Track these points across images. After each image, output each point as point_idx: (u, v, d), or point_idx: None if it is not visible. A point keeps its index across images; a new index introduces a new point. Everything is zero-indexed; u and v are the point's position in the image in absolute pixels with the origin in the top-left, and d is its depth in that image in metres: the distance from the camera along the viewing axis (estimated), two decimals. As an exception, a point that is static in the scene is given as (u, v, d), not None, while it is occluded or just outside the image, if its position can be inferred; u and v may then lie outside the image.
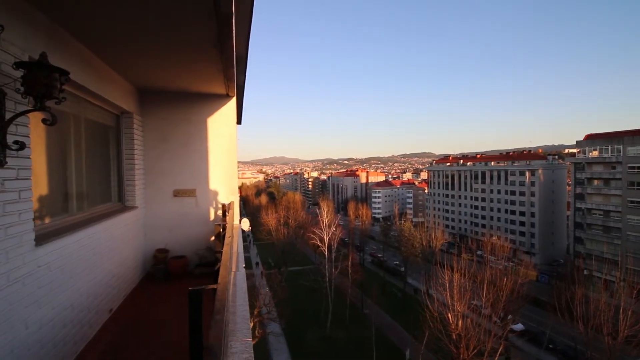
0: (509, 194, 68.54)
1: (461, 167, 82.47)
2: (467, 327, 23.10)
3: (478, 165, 78.01)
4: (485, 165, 76.13)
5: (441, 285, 25.63)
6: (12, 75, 2.24)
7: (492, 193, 72.39)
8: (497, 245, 35.97)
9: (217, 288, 1.48)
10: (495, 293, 25.39)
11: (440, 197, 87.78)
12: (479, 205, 75.31)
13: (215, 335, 1.05)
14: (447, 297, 24.73)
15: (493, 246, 35.86)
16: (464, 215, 79.45)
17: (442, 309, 24.59)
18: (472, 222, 76.48)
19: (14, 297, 2.28)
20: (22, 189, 2.41)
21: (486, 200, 73.53)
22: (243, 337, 1.88)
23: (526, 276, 32.68)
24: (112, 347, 3.35)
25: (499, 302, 25.01)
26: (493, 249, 35.39)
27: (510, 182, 68.52)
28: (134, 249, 5.13)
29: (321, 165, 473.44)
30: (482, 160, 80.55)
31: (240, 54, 10.71)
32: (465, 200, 79.42)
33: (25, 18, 2.48)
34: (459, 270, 25.53)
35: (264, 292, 32.66)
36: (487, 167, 74.73)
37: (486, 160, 79.22)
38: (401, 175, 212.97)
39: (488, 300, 25.10)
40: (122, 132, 5.18)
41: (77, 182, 3.83)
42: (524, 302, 28.58)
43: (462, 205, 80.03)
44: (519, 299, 27.16)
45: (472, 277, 26.34)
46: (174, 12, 2.72)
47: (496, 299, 25.12)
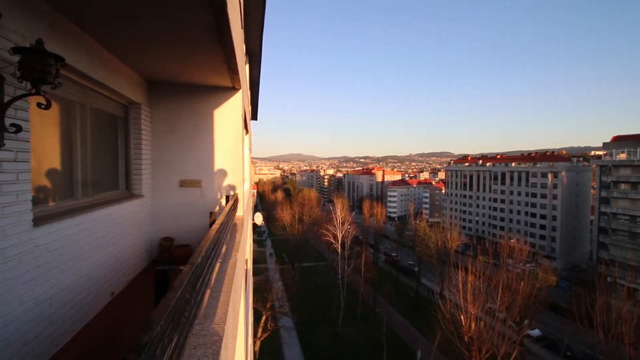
0: (530, 196, 66.40)
1: (480, 167, 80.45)
2: (480, 330, 22.63)
3: (498, 166, 75.91)
4: (505, 166, 73.99)
5: (455, 287, 25.21)
6: (10, 60, 2.32)
7: (512, 195, 70.32)
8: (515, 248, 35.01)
9: (184, 270, 1.50)
10: (511, 297, 24.73)
11: (457, 197, 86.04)
12: (497, 207, 73.38)
13: (159, 310, 1.05)
14: (460, 299, 24.31)
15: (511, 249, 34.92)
16: (481, 216, 77.62)
17: (454, 310, 24.19)
18: (490, 224, 74.64)
19: (10, 273, 2.38)
20: (20, 170, 2.51)
21: (505, 202, 71.53)
22: (217, 322, 1.90)
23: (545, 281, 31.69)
24: (111, 327, 3.45)
25: (515, 306, 24.33)
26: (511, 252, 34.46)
27: (532, 184, 66.34)
28: (140, 236, 5.26)
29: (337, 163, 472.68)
30: (502, 161, 78.31)
31: (254, 49, 10.78)
32: (483, 202, 77.55)
33: (25, 6, 2.57)
34: (473, 272, 25.03)
35: (277, 287, 33.02)
36: (508, 168, 72.60)
37: (506, 161, 76.94)
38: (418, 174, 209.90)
39: (503, 304, 24.48)
40: (131, 122, 5.32)
41: (83, 169, 3.95)
42: (541, 308, 27.73)
43: (480, 207, 78.19)
44: (537, 304, 26.33)
45: (487, 279, 25.73)
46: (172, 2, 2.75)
47: (512, 303, 24.45)
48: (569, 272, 55.15)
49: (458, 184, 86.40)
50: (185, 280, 1.34)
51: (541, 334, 32.39)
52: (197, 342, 1.60)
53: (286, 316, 31.57)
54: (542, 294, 27.25)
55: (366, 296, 39.83)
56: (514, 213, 69.45)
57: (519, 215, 68.53)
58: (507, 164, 75.18)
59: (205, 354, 1.51)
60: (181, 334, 1.28)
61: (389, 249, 65.72)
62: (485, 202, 77.03)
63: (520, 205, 68.28)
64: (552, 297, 35.78)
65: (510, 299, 24.51)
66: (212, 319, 1.99)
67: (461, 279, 24.26)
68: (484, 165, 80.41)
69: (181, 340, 1.29)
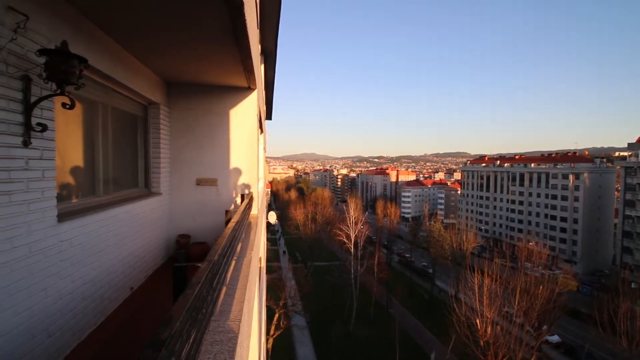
0: (550, 198, 64.46)
1: (498, 168, 78.65)
2: (497, 334, 22.17)
3: (516, 167, 74.04)
4: (524, 167, 72.11)
5: (470, 290, 24.76)
6: (36, 62, 2.41)
7: (531, 196, 68.43)
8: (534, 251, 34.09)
9: (201, 267, 1.52)
10: (530, 301, 24.10)
11: (473, 198, 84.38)
12: (515, 209, 71.56)
13: (178, 306, 1.07)
14: (475, 302, 23.86)
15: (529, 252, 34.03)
16: (498, 218, 75.89)
17: (470, 314, 23.77)
18: (508, 226, 72.87)
19: (35, 267, 2.48)
20: (45, 168, 2.60)
21: (524, 204, 69.68)
22: (233, 318, 1.92)
23: (565, 285, 30.75)
24: (130, 321, 3.54)
25: (533, 311, 23.70)
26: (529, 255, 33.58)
27: (552, 185, 64.38)
28: (158, 233, 5.38)
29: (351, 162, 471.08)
30: (521, 162, 76.35)
31: (269, 49, 10.84)
32: (500, 203, 75.78)
33: (51, 9, 2.66)
34: (490, 274, 24.52)
35: (290, 285, 33.19)
36: (527, 169, 70.72)
37: (525, 162, 74.97)
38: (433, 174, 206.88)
39: (521, 308, 23.89)
40: (150, 122, 5.44)
41: (105, 167, 4.07)
42: (561, 313, 26.89)
43: (497, 208, 76.45)
44: (556, 309, 25.57)
45: (504, 283, 25.16)
46: (190, 2, 2.79)
47: (530, 308, 23.83)
48: (590, 276, 53.27)
49: (475, 185, 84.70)
50: (203, 277, 1.36)
51: (560, 340, 31.42)
52: (214, 338, 1.62)
53: (299, 315, 31.71)
54: (562, 299, 26.43)
55: (379, 297, 39.57)
56: (533, 215, 67.57)
57: (538, 217, 66.63)
58: (526, 164, 73.24)
59: (222, 350, 1.53)
60: (199, 330, 1.30)
61: (402, 250, 65.07)
62: (502, 204, 75.25)
63: (540, 207, 66.38)
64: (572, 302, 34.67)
65: (528, 303, 23.90)
66: (228, 316, 2.01)
67: (477, 281, 23.83)
68: (501, 166, 78.56)
69: (199, 336, 1.31)
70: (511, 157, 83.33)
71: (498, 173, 77.82)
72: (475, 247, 49.36)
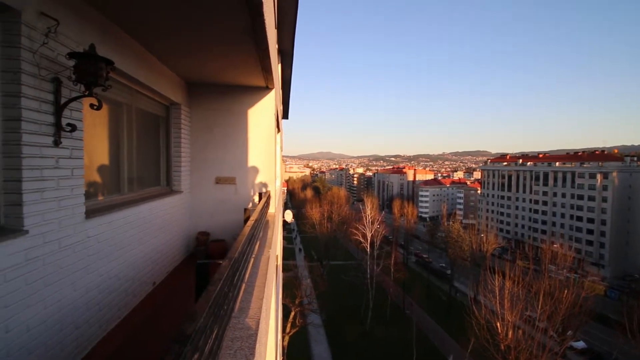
0: (576, 198, 61.95)
1: (520, 167, 76.25)
2: (518, 339, 21.51)
3: (540, 166, 71.55)
4: (548, 166, 69.61)
5: (491, 292, 24.15)
6: (66, 65, 2.51)
7: (556, 196, 65.99)
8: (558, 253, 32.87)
9: (222, 264, 1.54)
10: (553, 305, 23.25)
11: (494, 198, 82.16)
12: (539, 209, 69.18)
13: (201, 302, 1.09)
14: (496, 305, 23.24)
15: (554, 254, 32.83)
16: (520, 219, 73.59)
17: (490, 317, 23.18)
18: (530, 227, 70.56)
19: (64, 262, 2.59)
20: (74, 167, 2.71)
21: (548, 204, 67.27)
22: (252, 315, 1.94)
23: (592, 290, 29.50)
24: (153, 315, 3.65)
25: (557, 316, 22.84)
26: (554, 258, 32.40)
27: (578, 185, 61.85)
28: (179, 230, 5.52)
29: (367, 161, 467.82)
30: (544, 160, 73.75)
31: (286, 48, 10.90)
32: (523, 203, 73.45)
33: (79, 14, 2.77)
34: (511, 277, 23.83)
35: (306, 284, 33.34)
36: (551, 168, 68.22)
37: (550, 161, 72.35)
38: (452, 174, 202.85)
39: (544, 313, 23.07)
40: (171, 122, 5.58)
41: (129, 166, 4.21)
42: (587, 318, 25.79)
43: (520, 209, 74.13)
44: (582, 314, 24.54)
45: (526, 286, 24.38)
46: (211, 3, 2.84)
47: (554, 312, 22.98)
48: (619, 281, 50.91)
49: (495, 185, 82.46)
50: (224, 274, 1.39)
51: (586, 346, 30.19)
52: (234, 335, 1.65)
53: (314, 313, 31.82)
54: (589, 303, 25.34)
55: (395, 297, 39.16)
56: (558, 216, 65.16)
57: (563, 218, 64.20)
58: (550, 163, 70.68)
59: (242, 347, 1.55)
60: (220, 327, 1.33)
61: (420, 250, 64.15)
62: (525, 204, 72.92)
63: (565, 207, 63.93)
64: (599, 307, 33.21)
65: (552, 307, 23.06)
66: (247, 313, 2.04)
67: (498, 284, 23.20)
68: (524, 165, 76.12)
69: (220, 332, 1.34)
70: (534, 156, 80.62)
71: (520, 172, 75.45)
72: (495, 248, 48.06)
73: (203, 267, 1.55)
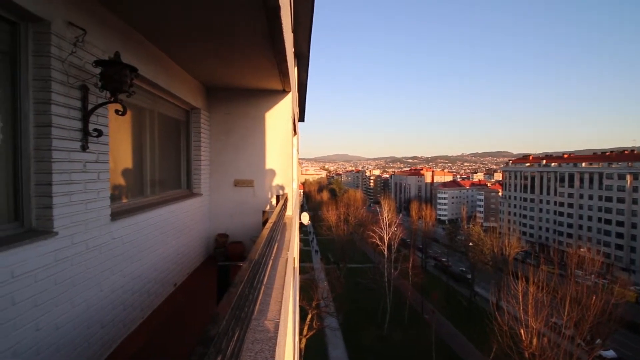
0: (604, 200, 59.27)
1: (544, 168, 73.70)
2: (543, 347, 20.72)
3: (565, 167, 68.92)
4: (574, 167, 66.96)
5: (514, 298, 23.38)
6: (93, 72, 2.60)
7: (582, 198, 63.37)
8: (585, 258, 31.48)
9: (243, 266, 1.55)
10: (581, 312, 22.25)
11: (516, 200, 79.71)
12: (564, 212, 66.57)
13: (223, 305, 1.09)
14: (520, 311, 22.48)
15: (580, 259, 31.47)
16: (545, 222, 71.00)
17: (513, 323, 22.43)
18: (555, 231, 67.95)
19: (91, 262, 2.68)
20: (101, 170, 2.80)
21: (574, 207, 64.66)
22: (272, 318, 1.94)
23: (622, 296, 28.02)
24: (174, 315, 3.72)
25: (585, 323, 21.85)
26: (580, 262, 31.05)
27: (606, 186, 59.18)
28: (199, 231, 5.62)
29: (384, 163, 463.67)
30: (570, 161, 70.97)
31: (302, 51, 10.97)
32: (547, 206, 70.90)
33: (105, 23, 2.87)
34: (536, 282, 23.00)
35: (322, 286, 33.28)
36: (577, 169, 65.60)
37: (575, 161, 69.55)
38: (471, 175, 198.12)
39: (571, 320, 22.12)
40: (191, 126, 5.70)
41: (151, 169, 4.33)
42: (617, 326, 24.54)
43: (544, 211, 71.57)
44: (611, 322, 23.38)
45: (551, 291, 23.46)
46: (229, 8, 2.88)
47: (581, 319, 22.00)
48: (652, 287, 48.24)
49: (518, 186, 80.00)
50: (245, 276, 1.39)
51: (616, 355, 28.73)
52: (255, 337, 1.65)
53: (331, 316, 31.69)
54: (619, 310, 24.12)
55: (414, 301, 38.51)
56: (584, 219, 62.52)
57: (590, 221, 61.55)
58: (576, 164, 67.98)
59: (262, 349, 1.55)
60: (241, 329, 1.33)
61: (438, 254, 62.86)
62: (549, 207, 70.36)
63: (592, 210, 61.27)
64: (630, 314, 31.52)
65: (579, 314, 22.08)
66: (266, 315, 2.05)
67: (521, 289, 22.43)
68: (548, 166, 73.53)
69: (242, 334, 1.34)
70: (559, 156, 77.75)
71: (544, 173, 72.92)
72: (518, 252, 46.49)
73: (224, 269, 1.56)
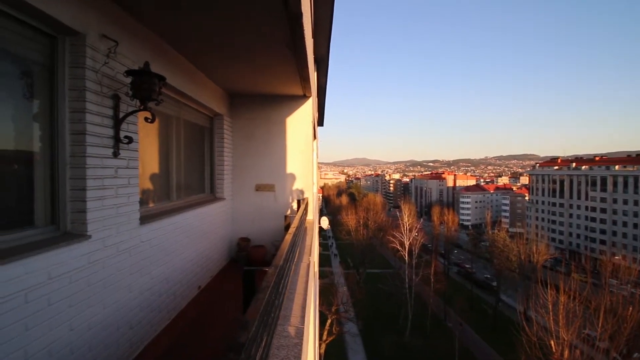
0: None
1: (574, 171, 70.43)
2: (575, 359, 19.64)
3: (597, 170, 65.58)
4: (606, 170, 63.59)
5: (543, 307, 22.37)
6: (124, 82, 2.72)
7: (616, 203, 60.04)
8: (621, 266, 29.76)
9: (268, 271, 1.56)
10: (617, 324, 20.98)
11: (545, 205, 76.49)
12: (596, 217, 63.23)
13: (252, 311, 1.09)
14: (550, 322, 21.46)
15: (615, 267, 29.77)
16: (575, 228, 67.67)
17: (542, 334, 21.43)
18: (587, 237, 64.60)
19: (121, 265, 2.77)
20: (131, 176, 2.91)
21: (607, 212, 61.32)
22: (296, 323, 1.94)
23: (663, 308, 26.22)
24: (199, 318, 3.79)
25: (621, 335, 20.57)
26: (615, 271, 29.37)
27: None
28: (222, 235, 5.72)
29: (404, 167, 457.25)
30: (602, 164, 67.50)
31: (322, 56, 11.04)
32: (578, 211, 67.59)
33: (135, 34, 2.99)
34: (567, 291, 21.93)
35: (342, 291, 33.03)
36: (610, 172, 62.29)
37: (608, 164, 66.09)
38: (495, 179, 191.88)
39: (605, 332, 20.90)
40: (215, 132, 5.84)
41: (177, 174, 4.46)
42: (657, 340, 22.96)
43: (574, 217, 68.25)
44: (651, 335, 21.90)
45: (584, 301, 22.29)
46: (252, 17, 2.94)
47: (617, 331, 20.73)
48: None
49: (546, 190, 76.80)
50: (272, 282, 1.40)
51: (658, 372, 26.80)
52: (280, 343, 1.65)
53: (351, 322, 31.35)
54: (660, 323, 22.57)
55: (436, 308, 37.53)
56: (619, 225, 59.13)
57: (625, 227, 58.14)
58: (608, 167, 64.58)
59: (288, 355, 1.54)
60: (268, 335, 1.33)
61: (462, 260, 61.10)
62: (580, 212, 67.07)
63: (628, 215, 57.89)
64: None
65: (615, 326, 20.82)
66: (290, 320, 2.04)
67: (551, 298, 21.43)
68: (578, 169, 70.23)
69: (269, 340, 1.34)
70: (590, 159, 74.16)
71: (574, 177, 69.68)
72: (547, 259, 44.48)
73: (250, 274, 1.57)
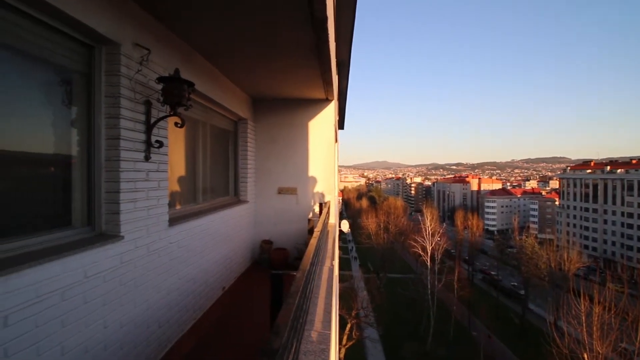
0: (685, 211, 52.12)
1: (608, 174, 66.68)
2: (612, 375, 18.50)
3: (633, 173, 61.78)
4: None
5: (575, 318, 21.24)
6: (155, 88, 2.82)
7: (657, 209, 56.24)
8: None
9: (296, 275, 1.56)
10: (657, 338, 19.59)
11: (576, 210, 72.77)
12: (633, 224, 59.49)
13: (283, 316, 1.09)
14: (583, 334, 20.33)
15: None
16: (610, 235, 63.92)
17: (574, 346, 20.33)
18: (623, 245, 60.85)
19: (151, 265, 2.86)
20: (161, 179, 3.01)
21: (646, 218, 57.57)
22: (321, 329, 1.92)
23: None
24: (223, 318, 3.85)
25: (662, 351, 19.19)
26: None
27: (688, 196, 52.04)
28: (245, 237, 5.81)
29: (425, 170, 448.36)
30: (639, 167, 63.51)
31: (343, 59, 11.03)
32: (613, 217, 63.84)
33: (166, 42, 3.10)
34: (601, 302, 20.72)
35: (362, 295, 32.71)
36: (649, 176, 58.51)
37: (647, 167, 62.11)
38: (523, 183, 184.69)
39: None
40: (239, 136, 5.96)
41: (203, 177, 4.58)
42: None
43: (609, 223, 64.51)
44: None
45: (621, 313, 20.98)
46: (280, 23, 2.98)
47: (657, 346, 19.36)
48: None
49: (577, 195, 73.10)
50: (301, 287, 1.39)
51: None
52: (307, 348, 1.65)
53: (371, 327, 30.94)
54: None
55: (459, 316, 36.42)
56: (660, 232, 55.44)
57: (666, 235, 54.45)
58: (647, 170, 60.77)
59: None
60: (297, 340, 1.33)
61: (487, 267, 59.04)
62: (615, 218, 63.32)
63: (669, 222, 54.19)
64: None
65: (655, 340, 19.46)
66: (314, 325, 2.04)
67: (584, 309, 20.32)
68: (613, 172, 66.42)
69: (297, 346, 1.34)
70: (626, 162, 70.00)
71: (609, 181, 65.96)
72: (579, 267, 42.25)
73: (278, 277, 1.58)
